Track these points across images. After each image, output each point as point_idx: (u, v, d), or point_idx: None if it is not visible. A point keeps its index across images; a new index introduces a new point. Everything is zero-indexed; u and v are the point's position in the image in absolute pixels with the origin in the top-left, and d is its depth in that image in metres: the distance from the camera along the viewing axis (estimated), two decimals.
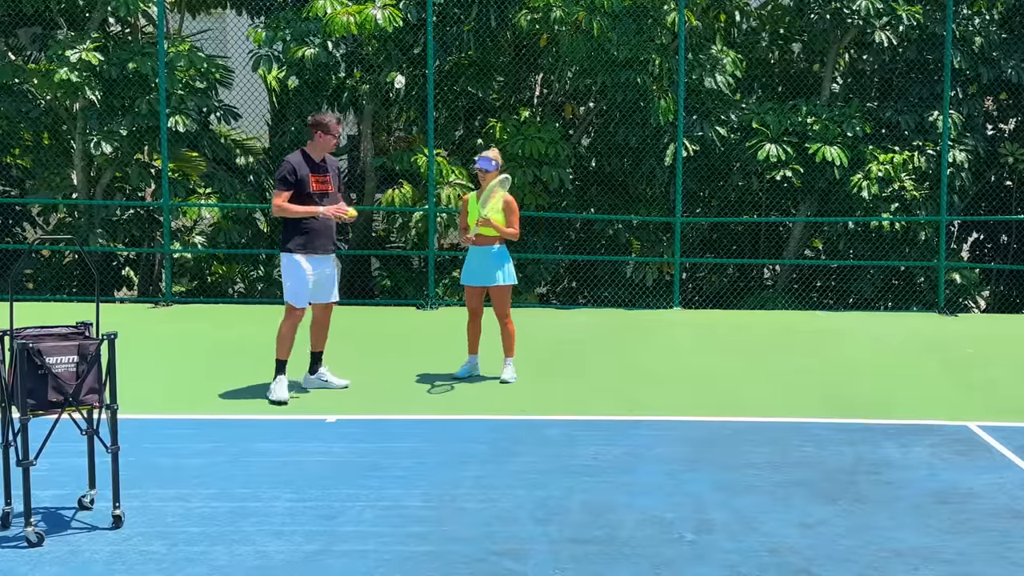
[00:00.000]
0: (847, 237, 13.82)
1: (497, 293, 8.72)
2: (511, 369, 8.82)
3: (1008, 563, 5.21)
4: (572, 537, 5.45)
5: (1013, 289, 15.20)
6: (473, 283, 8.74)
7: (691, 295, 14.16)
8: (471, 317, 8.87)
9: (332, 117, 8.21)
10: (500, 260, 8.69)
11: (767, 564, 5.14)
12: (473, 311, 8.84)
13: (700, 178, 14.01)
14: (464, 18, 13.44)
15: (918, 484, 6.34)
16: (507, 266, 8.73)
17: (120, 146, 12.89)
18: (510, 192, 8.89)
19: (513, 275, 8.80)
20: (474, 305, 8.83)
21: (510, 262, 8.79)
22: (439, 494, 6.05)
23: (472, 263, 8.74)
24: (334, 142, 8.12)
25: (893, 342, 10.88)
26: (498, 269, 8.67)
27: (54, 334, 5.44)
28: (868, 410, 8.05)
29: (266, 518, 5.64)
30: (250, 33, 13.53)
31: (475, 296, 8.80)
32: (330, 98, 14.20)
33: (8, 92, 13.31)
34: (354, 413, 7.83)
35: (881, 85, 14.50)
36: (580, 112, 14.81)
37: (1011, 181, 14.81)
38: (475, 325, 8.88)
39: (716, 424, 7.67)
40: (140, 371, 8.39)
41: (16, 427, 5.31)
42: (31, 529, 5.23)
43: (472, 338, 8.92)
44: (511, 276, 8.76)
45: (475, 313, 8.85)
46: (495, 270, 8.66)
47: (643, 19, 12.93)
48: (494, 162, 8.63)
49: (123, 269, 15.06)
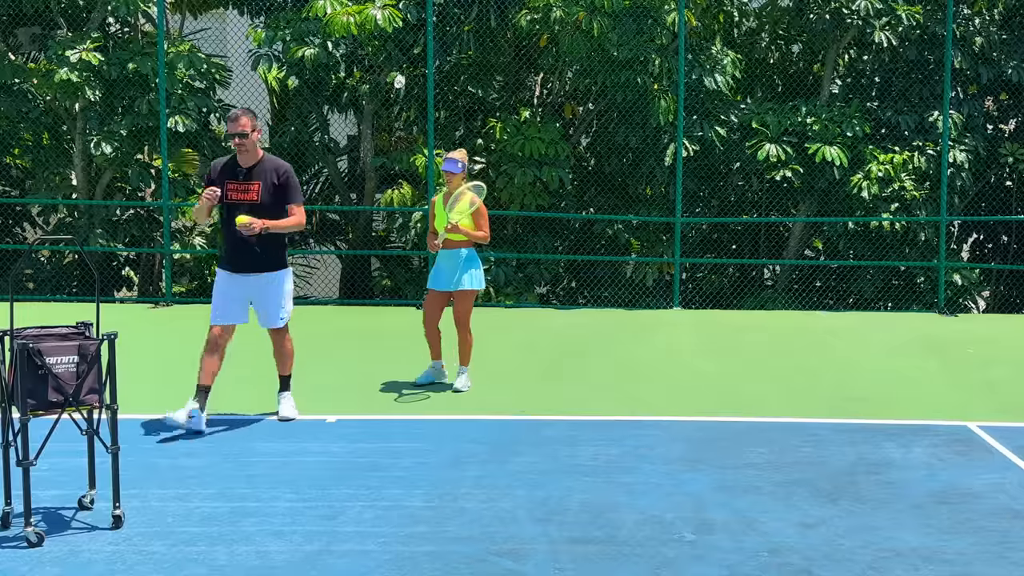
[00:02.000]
0: (847, 237, 13.81)
1: (461, 297, 8.44)
2: (465, 378, 8.55)
3: (1008, 563, 5.21)
4: (572, 537, 5.45)
5: (1013, 289, 15.19)
6: (440, 287, 8.45)
7: (691, 295, 14.16)
8: (427, 322, 8.52)
9: (235, 112, 7.39)
10: (469, 264, 8.42)
11: (767, 564, 5.14)
12: (432, 317, 8.50)
13: (700, 178, 14.00)
14: (464, 18, 13.44)
15: (918, 484, 6.35)
16: (475, 271, 8.46)
17: (120, 146, 12.88)
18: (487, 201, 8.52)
19: (481, 280, 8.52)
20: (434, 310, 8.50)
21: (479, 267, 8.52)
22: (439, 494, 6.05)
23: (441, 267, 8.47)
24: (235, 142, 7.25)
25: (893, 342, 10.88)
26: (466, 273, 8.39)
27: (54, 334, 5.44)
28: (868, 410, 8.05)
29: (266, 518, 5.64)
30: (250, 33, 13.53)
31: (438, 301, 8.50)
32: (330, 98, 14.20)
33: (8, 92, 13.31)
34: (354, 413, 7.84)
35: (881, 85, 14.49)
36: (580, 112, 14.81)
37: (1011, 181, 14.80)
38: (434, 330, 8.54)
39: (716, 424, 7.67)
40: (140, 371, 8.39)
41: (16, 427, 5.31)
42: (31, 529, 5.23)
43: (433, 343, 8.58)
44: (479, 281, 8.49)
45: (434, 319, 8.51)
46: (463, 274, 8.39)
47: (643, 19, 12.93)
48: (460, 164, 8.35)
49: (123, 269, 15.06)
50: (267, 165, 7.31)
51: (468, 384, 8.56)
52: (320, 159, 14.79)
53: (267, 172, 7.27)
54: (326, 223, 15.73)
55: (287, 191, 7.30)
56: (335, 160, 14.98)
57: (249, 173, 7.29)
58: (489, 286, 13.00)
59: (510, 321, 11.89)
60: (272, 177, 7.26)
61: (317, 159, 14.83)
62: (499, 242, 13.84)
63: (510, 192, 13.21)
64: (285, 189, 7.31)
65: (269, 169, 7.29)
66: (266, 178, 7.26)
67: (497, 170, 13.35)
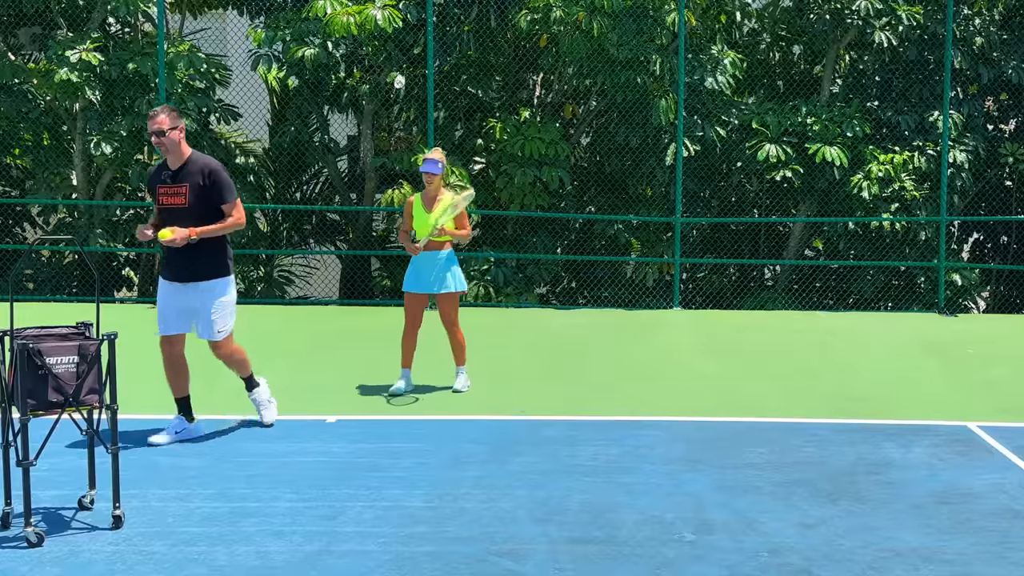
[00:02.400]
0: (847, 237, 13.81)
1: (446, 300, 8.29)
2: (464, 378, 8.49)
3: (1008, 563, 5.21)
4: (572, 537, 5.45)
5: (1013, 289, 15.19)
6: (419, 290, 8.28)
7: (691, 295, 14.16)
8: (409, 328, 8.33)
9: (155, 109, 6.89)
10: (449, 265, 8.27)
11: (767, 564, 5.14)
12: (413, 321, 8.32)
13: (700, 178, 14.00)
14: (464, 18, 13.44)
15: (918, 484, 6.34)
16: (457, 272, 8.33)
17: (120, 146, 12.88)
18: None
19: (463, 281, 8.39)
20: (416, 315, 8.32)
21: (458, 267, 8.40)
22: (439, 494, 6.05)
23: (420, 269, 8.26)
24: (154, 141, 6.78)
25: (893, 342, 10.88)
26: (448, 275, 8.24)
27: (54, 334, 5.44)
28: (868, 410, 8.05)
29: (266, 518, 5.64)
30: (250, 33, 13.53)
31: (418, 304, 8.32)
32: (330, 98, 14.20)
33: (8, 92, 13.31)
34: (354, 413, 7.83)
35: (881, 85, 14.49)
36: (580, 112, 14.81)
37: (1011, 181, 14.81)
38: (413, 336, 8.35)
39: (716, 424, 7.67)
40: (140, 371, 8.38)
41: (16, 427, 5.31)
42: (31, 529, 5.23)
43: (408, 351, 8.39)
44: (461, 282, 8.35)
45: (415, 324, 8.33)
46: (445, 276, 8.24)
47: (643, 19, 12.93)
48: (440, 164, 8.23)
49: (123, 269, 15.06)
50: (194, 166, 6.81)
51: (468, 383, 8.53)
52: (320, 159, 14.80)
53: (194, 173, 6.78)
54: (326, 223, 15.73)
55: (217, 191, 6.80)
56: (335, 160, 14.98)
57: (177, 175, 6.81)
58: (489, 286, 13.01)
59: (510, 321, 11.89)
60: (199, 178, 6.77)
61: (317, 159, 14.83)
62: (499, 242, 13.85)
63: (510, 192, 13.21)
64: (213, 190, 6.79)
65: (196, 170, 6.79)
66: (193, 180, 6.77)
67: (497, 170, 13.36)
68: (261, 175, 14.88)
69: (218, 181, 6.80)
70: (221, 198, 6.82)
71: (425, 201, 8.23)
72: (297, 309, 12.71)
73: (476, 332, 9.81)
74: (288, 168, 15.06)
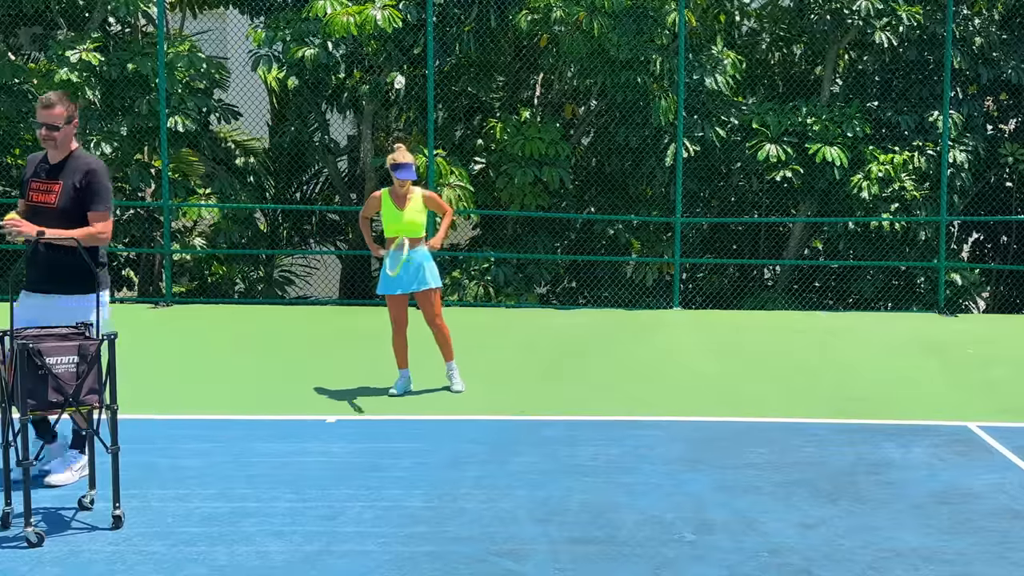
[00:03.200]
0: (847, 237, 13.81)
1: (427, 297, 8.20)
2: (457, 374, 8.45)
3: (1008, 563, 5.21)
4: (572, 537, 5.45)
5: (1013, 289, 15.19)
6: (397, 291, 8.15)
7: (691, 295, 14.16)
8: (397, 329, 8.26)
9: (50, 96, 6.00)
10: (423, 262, 8.17)
11: (767, 564, 5.14)
12: (400, 322, 8.24)
13: (700, 178, 14.00)
14: (464, 18, 13.44)
15: (918, 484, 6.35)
16: (433, 267, 8.26)
17: (120, 146, 12.88)
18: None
19: (438, 277, 8.31)
20: (401, 315, 8.22)
21: (433, 262, 8.31)
22: (439, 494, 6.05)
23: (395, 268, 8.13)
24: (42, 133, 5.96)
25: (893, 342, 10.88)
26: (425, 272, 8.16)
27: (54, 334, 5.44)
28: (868, 410, 8.05)
29: (266, 518, 5.64)
30: (250, 33, 13.53)
31: (401, 305, 8.22)
32: (330, 98, 14.20)
33: (8, 92, 13.31)
34: (354, 413, 7.83)
35: (881, 85, 14.49)
36: (580, 112, 14.81)
37: (1011, 181, 14.81)
38: (403, 337, 8.30)
39: (716, 424, 7.67)
40: (140, 371, 8.38)
41: (16, 427, 5.31)
42: (31, 529, 5.23)
43: (401, 351, 8.34)
44: (437, 279, 8.24)
45: (402, 324, 8.26)
46: (424, 273, 8.16)
47: (643, 19, 12.93)
48: (414, 167, 8.21)
49: (123, 269, 15.06)
50: (74, 164, 5.99)
51: (460, 380, 8.45)
52: (320, 159, 14.80)
53: (72, 172, 5.96)
54: (326, 223, 15.73)
55: (90, 194, 5.92)
56: (335, 160, 14.98)
57: (54, 171, 6.01)
58: (489, 286, 13.01)
59: (510, 321, 11.89)
60: (75, 178, 5.93)
61: (317, 159, 14.83)
62: (499, 242, 13.85)
63: (510, 192, 13.21)
64: (87, 192, 5.93)
65: (74, 169, 5.97)
66: (69, 179, 5.95)
67: (497, 170, 13.36)
68: (261, 175, 14.89)
69: (93, 185, 5.93)
70: (90, 203, 5.92)
71: (395, 198, 8.16)
72: (297, 309, 12.70)
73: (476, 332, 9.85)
74: (288, 168, 15.07)
